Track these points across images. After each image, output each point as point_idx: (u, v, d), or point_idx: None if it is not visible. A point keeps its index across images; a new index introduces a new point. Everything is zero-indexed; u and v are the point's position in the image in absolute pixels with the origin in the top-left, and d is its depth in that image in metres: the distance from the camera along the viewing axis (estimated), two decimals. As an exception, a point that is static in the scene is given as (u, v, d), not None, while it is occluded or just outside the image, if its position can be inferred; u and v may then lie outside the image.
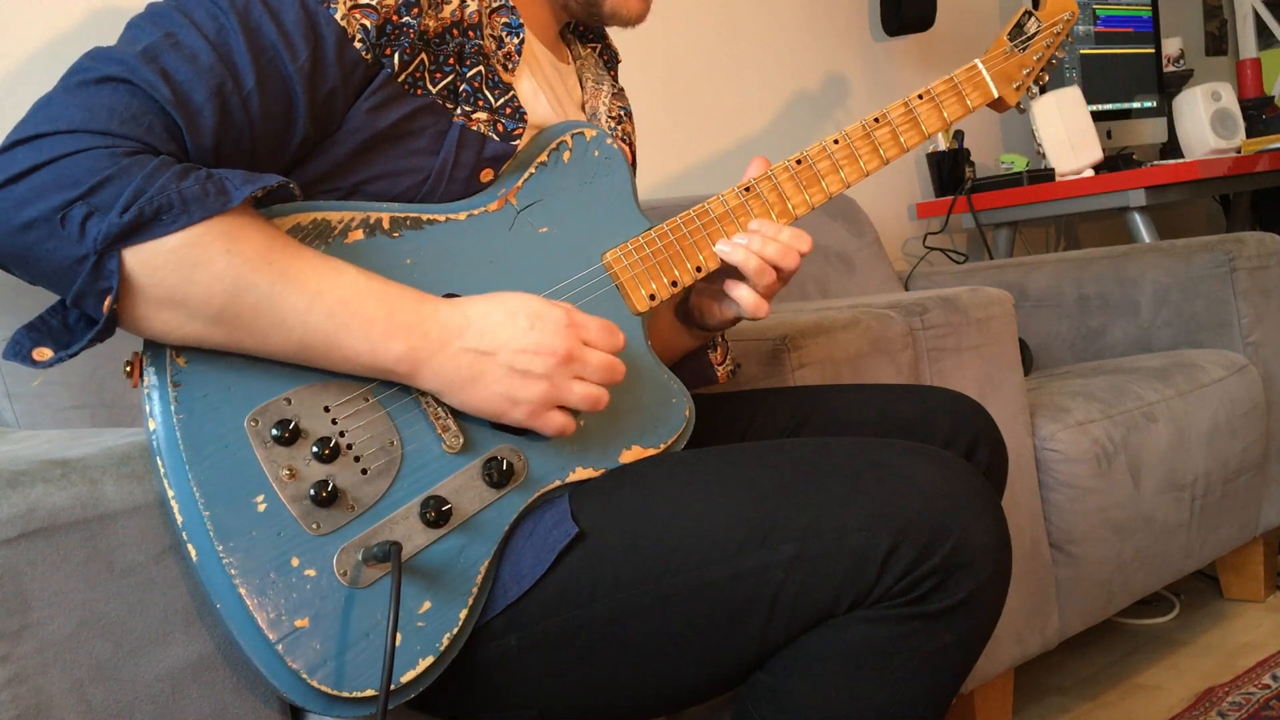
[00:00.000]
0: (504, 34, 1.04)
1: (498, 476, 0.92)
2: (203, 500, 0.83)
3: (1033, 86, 1.27)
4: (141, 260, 0.81)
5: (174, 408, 0.85)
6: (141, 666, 0.83)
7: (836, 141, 1.14)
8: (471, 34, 1.00)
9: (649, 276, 1.07)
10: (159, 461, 0.84)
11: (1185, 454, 1.88)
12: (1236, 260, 2.06)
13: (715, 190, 1.14)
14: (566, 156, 1.06)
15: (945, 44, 2.94)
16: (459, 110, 0.99)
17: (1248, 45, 3.67)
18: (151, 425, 0.84)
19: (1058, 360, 2.29)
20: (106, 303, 0.80)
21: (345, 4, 0.92)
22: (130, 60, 0.84)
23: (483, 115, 1.00)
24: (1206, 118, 2.88)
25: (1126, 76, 3.05)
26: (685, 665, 0.93)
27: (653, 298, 1.06)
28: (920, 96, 1.18)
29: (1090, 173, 2.70)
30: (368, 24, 0.92)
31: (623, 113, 1.25)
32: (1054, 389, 1.88)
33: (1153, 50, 3.11)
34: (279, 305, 0.85)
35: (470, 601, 0.90)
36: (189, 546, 0.83)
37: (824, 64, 2.69)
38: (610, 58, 1.28)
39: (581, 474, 0.98)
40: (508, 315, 0.92)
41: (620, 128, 1.23)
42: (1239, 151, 2.83)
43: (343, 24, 0.91)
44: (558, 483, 0.96)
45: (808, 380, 1.40)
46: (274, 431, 0.86)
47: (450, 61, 0.99)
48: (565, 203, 1.05)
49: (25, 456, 0.83)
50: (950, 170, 2.77)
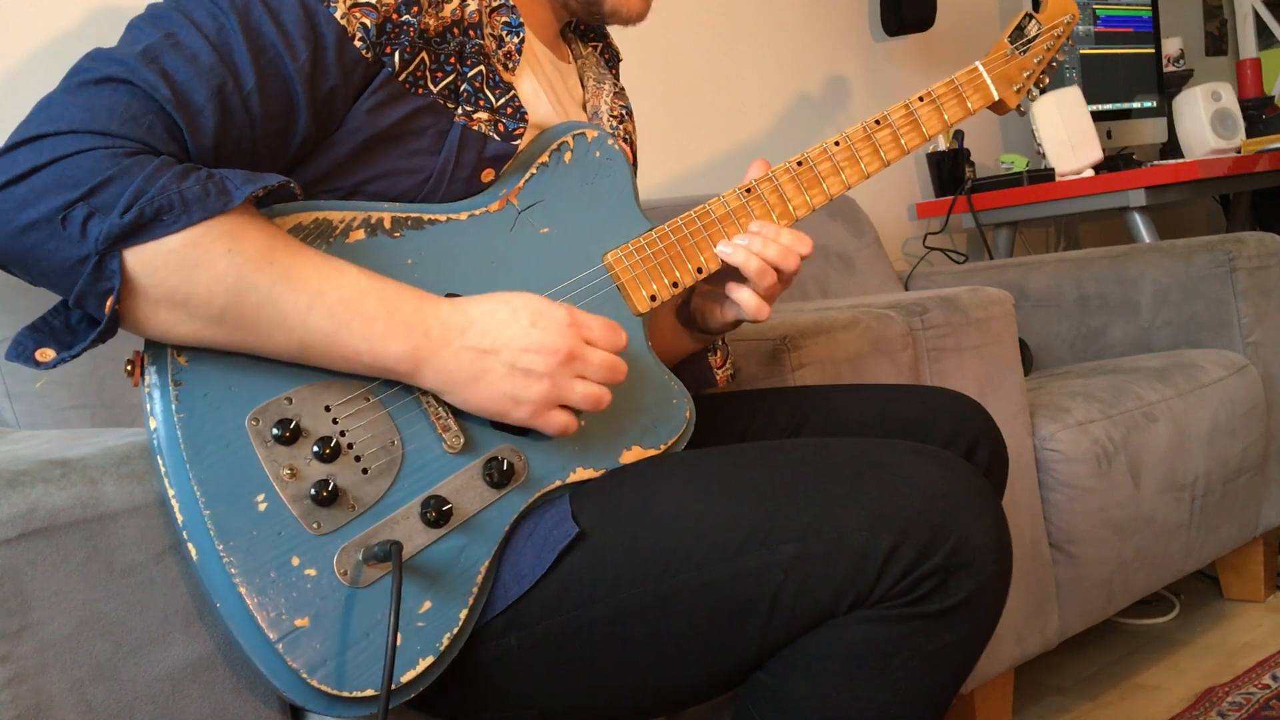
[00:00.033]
0: (504, 33, 1.04)
1: (498, 476, 0.92)
2: (203, 499, 0.83)
3: (1033, 89, 1.27)
4: (143, 261, 0.81)
5: (175, 406, 0.85)
6: (141, 666, 0.83)
7: (837, 143, 1.14)
8: (472, 33, 1.00)
9: (650, 277, 1.07)
10: (160, 460, 0.84)
11: (1185, 454, 1.88)
12: (1236, 260, 2.06)
13: (715, 190, 1.14)
14: (568, 157, 1.06)
15: (945, 44, 2.94)
16: (460, 110, 0.99)
17: (1248, 45, 3.67)
18: (152, 424, 0.85)
19: (1058, 360, 2.29)
20: (108, 303, 0.80)
21: (345, 3, 0.91)
22: (130, 61, 0.84)
23: (484, 115, 1.00)
24: (1206, 118, 2.88)
25: (1126, 76, 3.05)
26: (685, 665, 0.93)
27: (653, 298, 1.06)
28: (921, 98, 1.18)
29: (1090, 173, 2.70)
30: (367, 22, 0.92)
31: (624, 112, 1.25)
32: (1054, 389, 1.88)
33: (1153, 50, 3.11)
34: (280, 305, 0.85)
35: (470, 601, 0.90)
36: (189, 546, 0.83)
37: (824, 64, 2.69)
38: (611, 57, 1.28)
39: (582, 474, 0.98)
40: (510, 314, 0.92)
41: (622, 127, 1.23)
42: (1239, 151, 2.83)
43: (342, 23, 0.91)
44: (558, 483, 0.96)
45: (808, 380, 1.40)
46: (275, 431, 0.86)
47: (451, 61, 0.99)
48: (566, 203, 1.05)
49: (25, 456, 0.83)
50: (950, 170, 2.77)
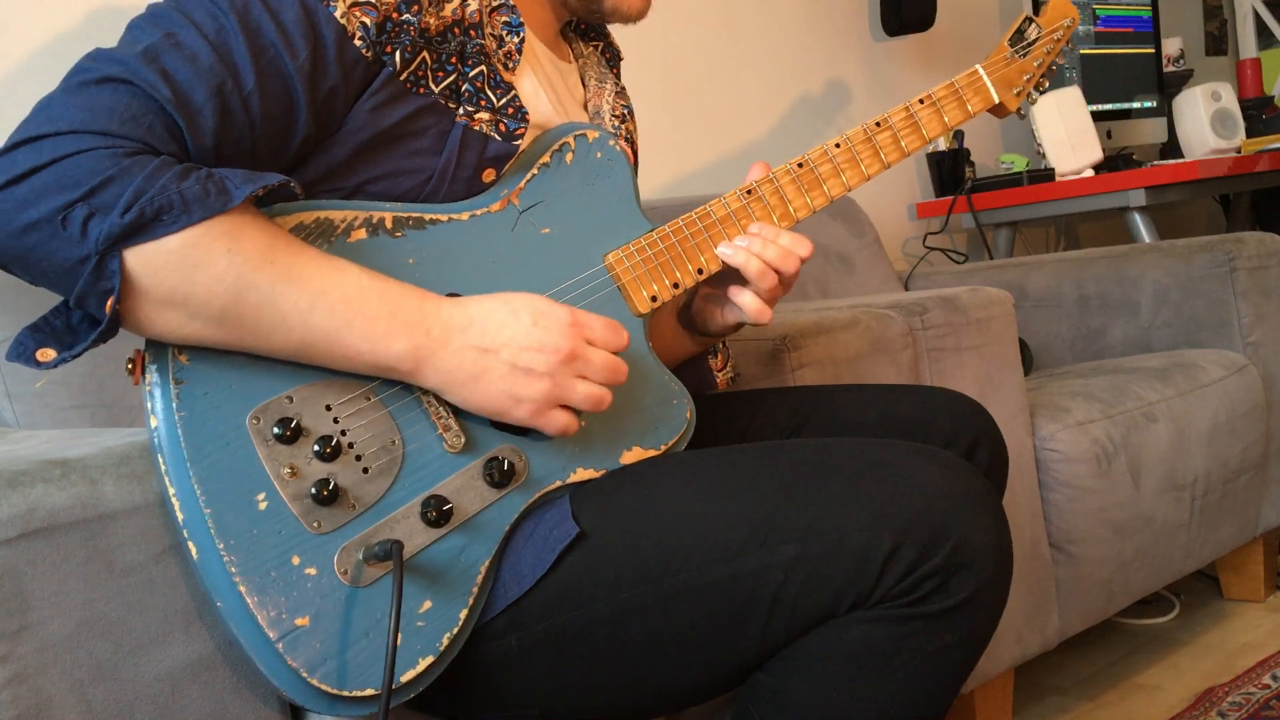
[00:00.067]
0: (504, 33, 1.04)
1: (499, 476, 0.92)
2: (204, 498, 0.83)
3: (1033, 92, 1.27)
4: (143, 260, 0.81)
5: (176, 405, 0.85)
6: (141, 666, 0.83)
7: (838, 145, 1.14)
8: (473, 33, 1.00)
9: (650, 278, 1.07)
10: (160, 459, 0.84)
11: (1185, 454, 1.88)
12: (1236, 260, 2.06)
13: (716, 190, 1.14)
14: (569, 158, 1.06)
15: (945, 44, 2.94)
16: (461, 110, 0.99)
17: (1248, 45, 3.67)
18: (153, 423, 0.84)
19: (1058, 360, 2.29)
20: (109, 303, 0.80)
21: (345, 2, 0.91)
22: (130, 61, 0.84)
23: (485, 115, 1.00)
24: (1206, 118, 2.88)
25: (1126, 76, 3.05)
26: (686, 665, 0.93)
27: (654, 299, 1.06)
28: (921, 101, 1.18)
29: (1090, 173, 2.70)
30: (367, 21, 0.92)
31: (626, 111, 1.25)
32: (1054, 389, 1.88)
33: (1153, 50, 3.11)
34: (281, 304, 0.85)
35: (471, 601, 0.90)
36: (190, 544, 0.83)
37: (824, 64, 2.69)
38: (613, 56, 1.28)
39: (583, 474, 0.98)
40: (511, 313, 0.92)
41: (624, 127, 1.23)
42: (1239, 151, 2.83)
43: (342, 22, 0.91)
44: (559, 483, 0.96)
45: (808, 380, 1.40)
46: (275, 430, 0.86)
47: (453, 61, 0.99)
48: (567, 204, 1.05)
49: (25, 456, 0.83)
50: (950, 170, 2.77)
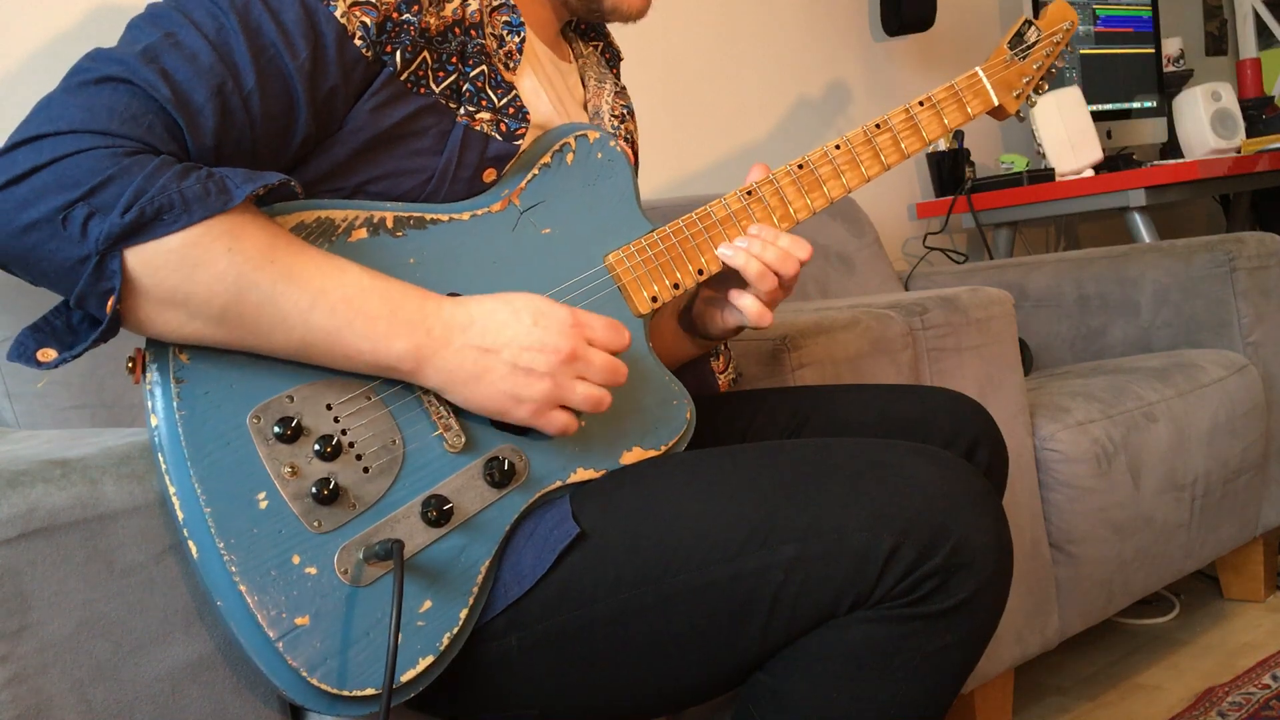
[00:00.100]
0: (505, 32, 1.04)
1: (499, 476, 0.92)
2: (204, 497, 0.83)
3: (1032, 94, 1.27)
4: (143, 260, 0.81)
5: (176, 404, 0.85)
6: (141, 666, 0.83)
7: (838, 147, 1.14)
8: (474, 33, 1.00)
9: (651, 278, 1.07)
10: (160, 458, 0.84)
11: (1185, 454, 1.88)
12: (1236, 260, 2.06)
13: (716, 190, 1.14)
14: (570, 158, 1.06)
15: (945, 44, 2.94)
16: (462, 110, 0.99)
17: (1248, 45, 3.67)
18: (154, 421, 0.84)
19: (1058, 360, 2.29)
20: (109, 303, 0.80)
21: (345, 1, 0.91)
22: (130, 60, 0.84)
23: (486, 115, 1.00)
24: (1206, 118, 2.88)
25: (1126, 76, 3.05)
26: (686, 665, 0.93)
27: (655, 299, 1.06)
28: (921, 103, 1.18)
29: (1090, 173, 2.70)
30: (368, 21, 0.92)
31: (625, 111, 1.25)
32: (1054, 389, 1.88)
33: (1153, 50, 3.11)
34: (281, 304, 0.85)
35: (471, 601, 0.90)
36: (190, 543, 0.83)
37: (824, 64, 2.69)
38: (612, 56, 1.28)
39: (583, 475, 0.98)
40: (512, 313, 0.92)
41: (623, 127, 1.23)
42: (1239, 151, 2.83)
43: (343, 21, 0.91)
44: (559, 483, 0.96)
45: (808, 380, 1.40)
46: (276, 429, 0.86)
47: (453, 61, 0.99)
48: (568, 204, 1.05)
49: (25, 456, 0.83)
50: (950, 170, 2.77)
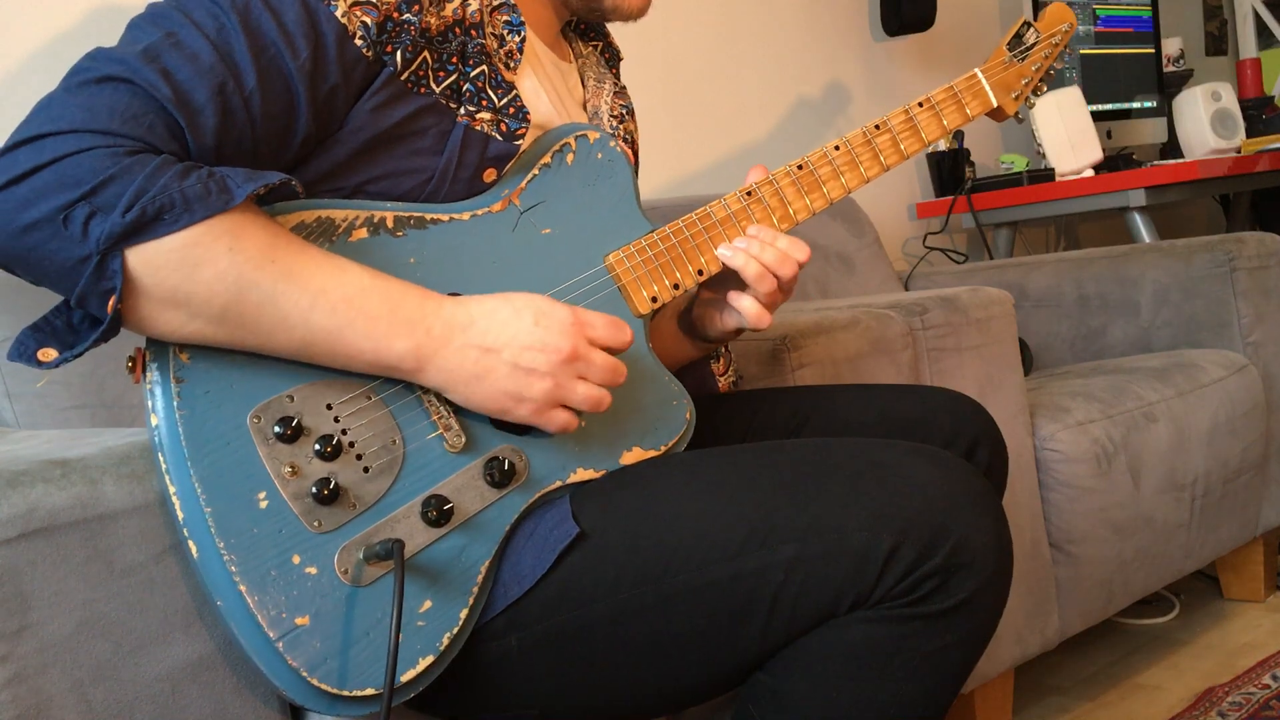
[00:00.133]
0: (505, 32, 1.04)
1: (499, 476, 0.92)
2: (204, 496, 0.83)
3: (1031, 96, 1.27)
4: (144, 260, 0.81)
5: (176, 404, 0.85)
6: (141, 666, 0.83)
7: (837, 148, 1.14)
8: (474, 33, 1.00)
9: (651, 279, 1.07)
10: (161, 458, 0.84)
11: (1185, 454, 1.88)
12: (1236, 260, 2.06)
13: (716, 190, 1.14)
14: (570, 158, 1.06)
15: (945, 44, 2.94)
16: (463, 110, 0.99)
17: (1248, 45, 3.67)
18: (154, 421, 0.84)
19: (1058, 360, 2.29)
20: (110, 303, 0.80)
21: (346, 1, 0.91)
22: (131, 60, 0.84)
23: (486, 115, 1.00)
24: (1206, 118, 2.88)
25: (1126, 76, 3.05)
26: (686, 665, 0.93)
27: (654, 300, 1.06)
28: (921, 104, 1.18)
29: (1090, 173, 2.70)
30: (368, 21, 0.92)
31: (625, 111, 1.25)
32: (1054, 389, 1.88)
33: (1153, 50, 3.11)
34: (282, 303, 0.85)
35: (471, 601, 0.90)
36: (190, 543, 0.83)
37: (824, 64, 2.69)
38: (612, 56, 1.28)
39: (583, 475, 0.98)
40: (513, 312, 0.92)
41: (622, 126, 1.23)
42: (1239, 151, 2.83)
43: (343, 21, 0.91)
44: (559, 483, 0.96)
45: (808, 380, 1.40)
46: (276, 429, 0.86)
47: (454, 61, 0.99)
48: (568, 204, 1.05)
49: (25, 456, 0.83)
50: (950, 170, 2.77)
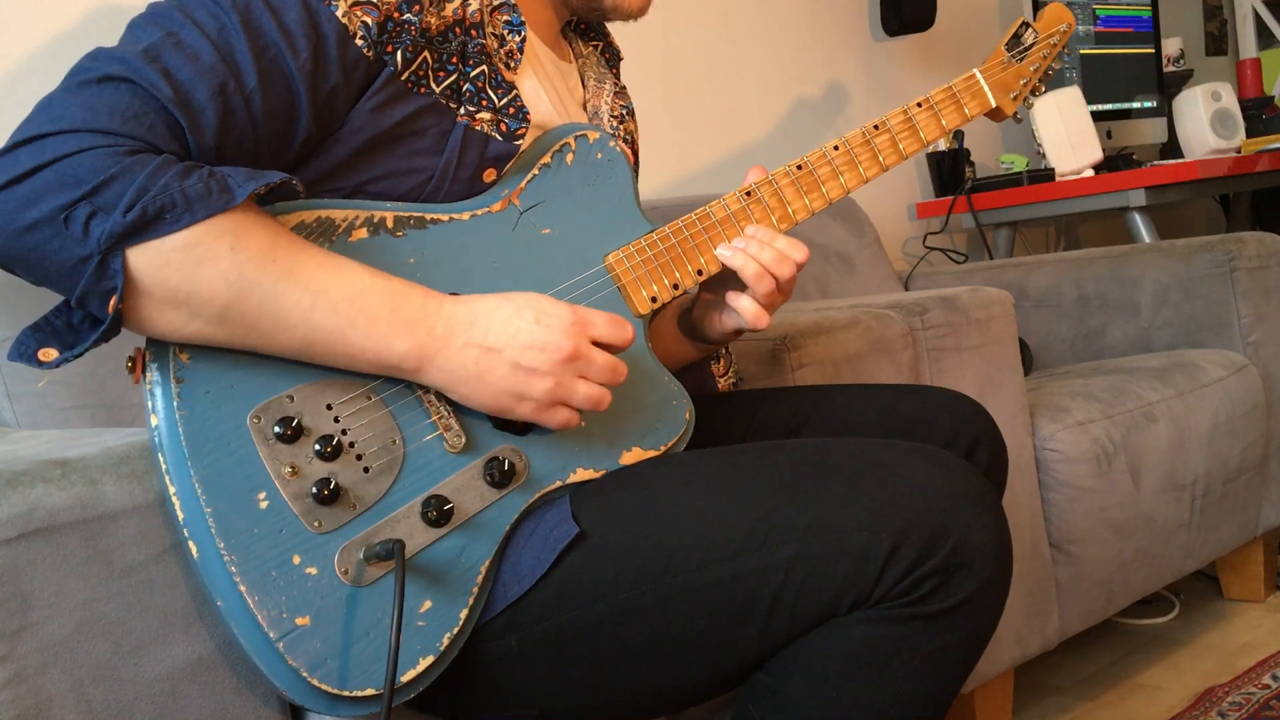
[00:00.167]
0: (505, 32, 1.04)
1: (499, 476, 0.92)
2: (204, 497, 0.83)
3: (1029, 96, 1.28)
4: (146, 259, 0.81)
5: (176, 404, 0.85)
6: (141, 666, 0.83)
7: (836, 148, 1.14)
8: (474, 33, 1.00)
9: (650, 279, 1.07)
10: (161, 458, 0.84)
11: (1185, 454, 1.88)
12: (1236, 260, 2.06)
13: (716, 190, 1.14)
14: (570, 158, 1.06)
15: (945, 44, 2.94)
16: (463, 110, 0.99)
17: (1248, 45, 3.67)
18: (154, 421, 0.84)
19: (1058, 360, 2.29)
20: (111, 303, 0.80)
21: (346, 1, 0.91)
22: (132, 59, 0.84)
23: (486, 115, 1.00)
24: (1206, 118, 2.88)
25: (1126, 76, 3.05)
26: (686, 665, 0.93)
27: (654, 300, 1.07)
28: (920, 105, 1.18)
29: (1090, 173, 2.70)
30: (369, 21, 0.92)
31: (625, 111, 1.25)
32: (1054, 389, 1.88)
33: (1153, 50, 3.11)
34: (283, 303, 0.85)
35: (471, 601, 0.90)
36: (190, 543, 0.83)
37: (824, 64, 2.69)
38: (612, 56, 1.28)
39: (582, 475, 0.98)
40: (514, 312, 0.92)
41: (622, 126, 1.23)
42: (1239, 151, 2.83)
43: (344, 21, 0.91)
44: (559, 483, 0.96)
45: (808, 380, 1.40)
46: (276, 429, 0.86)
47: (454, 61, 0.99)
48: (568, 204, 1.05)
49: (25, 456, 0.83)
50: (950, 170, 2.77)
